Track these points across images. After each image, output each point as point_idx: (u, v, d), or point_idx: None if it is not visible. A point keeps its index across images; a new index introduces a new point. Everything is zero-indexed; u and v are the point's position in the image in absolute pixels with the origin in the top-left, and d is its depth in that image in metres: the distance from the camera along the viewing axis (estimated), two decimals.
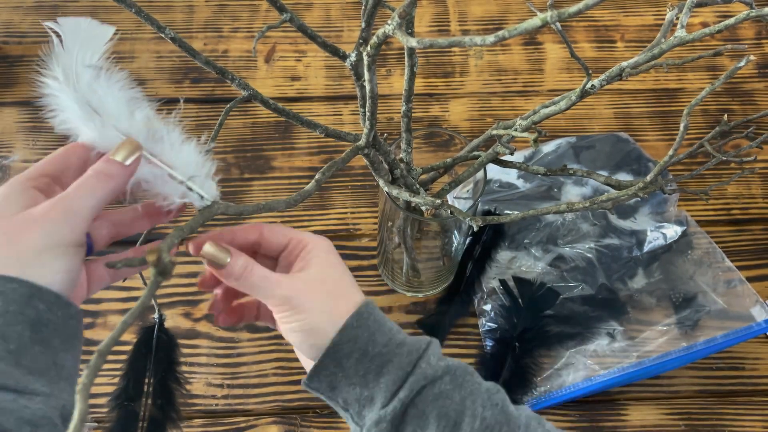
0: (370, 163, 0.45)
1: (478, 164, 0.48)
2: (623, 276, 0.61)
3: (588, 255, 0.61)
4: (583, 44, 0.79)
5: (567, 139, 0.68)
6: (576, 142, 0.68)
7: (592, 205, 0.45)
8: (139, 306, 0.25)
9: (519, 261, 0.61)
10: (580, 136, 0.69)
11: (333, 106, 0.74)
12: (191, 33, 0.79)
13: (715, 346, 0.57)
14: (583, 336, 0.58)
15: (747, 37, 0.80)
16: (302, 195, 0.38)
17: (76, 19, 0.35)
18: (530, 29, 0.24)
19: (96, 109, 0.34)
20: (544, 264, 0.61)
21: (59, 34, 0.34)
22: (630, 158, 0.66)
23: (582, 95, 0.42)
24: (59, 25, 0.35)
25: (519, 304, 0.58)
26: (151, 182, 0.34)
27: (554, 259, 0.61)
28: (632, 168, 0.65)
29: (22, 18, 0.79)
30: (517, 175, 0.66)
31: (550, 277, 0.60)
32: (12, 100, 0.74)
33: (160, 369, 0.48)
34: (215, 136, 0.40)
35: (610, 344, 0.58)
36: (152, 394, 0.48)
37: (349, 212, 0.68)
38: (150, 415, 0.47)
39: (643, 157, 0.66)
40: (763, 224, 0.67)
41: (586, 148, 0.67)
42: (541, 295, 0.58)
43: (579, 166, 0.66)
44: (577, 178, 0.64)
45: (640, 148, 0.67)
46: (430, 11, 0.81)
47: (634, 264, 0.61)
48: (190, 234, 0.33)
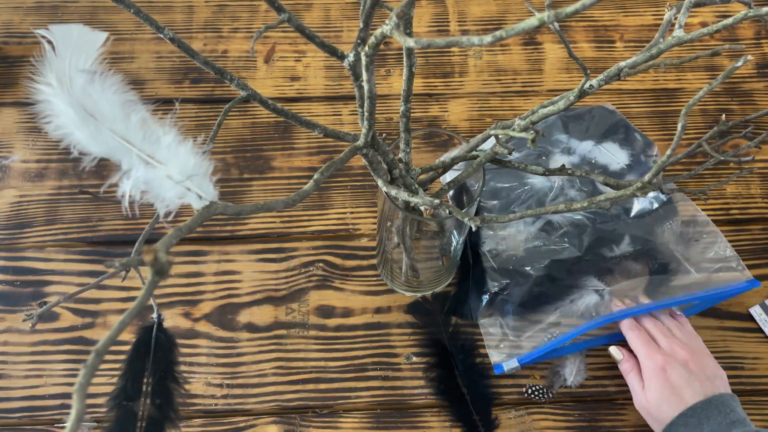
0: (368, 163, 0.45)
1: (477, 164, 0.48)
2: (610, 241, 0.62)
3: (576, 219, 0.62)
4: (582, 44, 0.79)
5: None
6: (564, 112, 0.68)
7: (590, 205, 0.45)
8: (136, 306, 0.25)
9: (509, 226, 0.62)
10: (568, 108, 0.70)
11: (332, 107, 0.74)
12: (191, 33, 0.79)
13: (673, 303, 0.58)
14: (570, 295, 0.60)
15: (745, 36, 0.80)
16: (301, 195, 0.38)
17: (67, 26, 0.36)
18: (527, 29, 0.24)
19: (91, 113, 0.34)
20: (534, 229, 0.62)
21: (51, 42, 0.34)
22: (617, 128, 0.67)
23: (580, 95, 0.42)
24: (51, 33, 0.35)
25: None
26: (149, 184, 0.34)
27: (544, 225, 0.62)
28: (619, 137, 0.67)
29: (22, 18, 0.79)
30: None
31: (539, 241, 0.61)
32: (12, 100, 0.74)
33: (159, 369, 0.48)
34: (214, 136, 0.40)
35: (597, 304, 0.59)
36: (151, 393, 0.48)
37: (348, 212, 0.68)
38: (149, 414, 0.47)
39: (630, 127, 0.68)
40: (762, 224, 0.67)
41: (574, 119, 0.68)
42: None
43: (567, 136, 0.67)
44: (565, 147, 0.66)
45: (626, 119, 0.69)
46: (430, 11, 0.81)
47: (620, 230, 0.62)
48: (188, 234, 0.33)
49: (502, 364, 0.58)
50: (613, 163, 0.65)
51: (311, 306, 0.63)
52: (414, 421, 0.58)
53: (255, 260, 0.65)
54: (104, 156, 0.34)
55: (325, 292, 0.63)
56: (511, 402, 0.59)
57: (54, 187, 0.68)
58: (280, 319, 0.62)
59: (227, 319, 0.62)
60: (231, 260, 0.65)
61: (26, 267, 0.64)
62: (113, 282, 0.62)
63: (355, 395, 0.59)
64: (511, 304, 0.60)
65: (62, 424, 0.57)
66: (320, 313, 0.62)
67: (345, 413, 0.58)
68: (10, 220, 0.66)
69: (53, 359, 0.60)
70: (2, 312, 0.62)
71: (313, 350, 0.61)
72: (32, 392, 0.58)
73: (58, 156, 0.70)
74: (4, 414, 0.57)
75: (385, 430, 0.57)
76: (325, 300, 0.63)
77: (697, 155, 0.70)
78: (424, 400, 0.59)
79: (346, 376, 0.60)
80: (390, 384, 0.59)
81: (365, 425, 0.58)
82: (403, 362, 0.60)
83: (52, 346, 0.60)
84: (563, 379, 0.59)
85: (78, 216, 0.67)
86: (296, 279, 0.64)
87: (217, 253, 0.65)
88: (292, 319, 0.62)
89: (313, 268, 0.65)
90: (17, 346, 0.60)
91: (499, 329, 0.60)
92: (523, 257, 0.61)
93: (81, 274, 0.63)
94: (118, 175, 0.34)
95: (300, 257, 0.65)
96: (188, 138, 0.35)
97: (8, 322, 0.61)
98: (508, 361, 0.58)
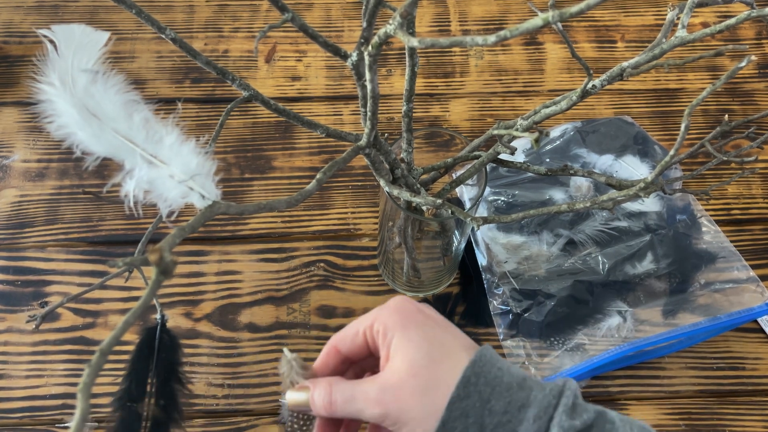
0: (371, 163, 0.45)
1: (478, 164, 0.48)
2: (632, 259, 0.61)
3: (597, 239, 0.61)
4: (583, 44, 0.79)
5: (573, 124, 0.69)
6: (582, 126, 0.68)
7: (594, 205, 0.45)
8: (140, 305, 0.25)
9: (530, 247, 0.62)
10: (585, 120, 0.69)
11: (333, 106, 0.74)
12: (192, 33, 0.79)
13: (701, 329, 0.57)
14: (594, 318, 0.59)
15: (747, 37, 0.80)
16: (303, 195, 0.38)
17: (69, 26, 0.36)
18: (532, 29, 0.24)
19: (94, 113, 0.34)
20: (556, 249, 0.61)
21: (53, 42, 0.34)
22: (636, 140, 0.67)
23: (583, 95, 0.42)
24: (53, 33, 0.35)
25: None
26: (152, 183, 0.34)
27: (566, 244, 0.61)
28: (638, 149, 0.66)
29: (22, 18, 0.79)
30: (524, 158, 0.66)
31: (561, 261, 0.61)
32: (12, 100, 0.74)
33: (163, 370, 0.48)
34: (216, 136, 0.40)
35: (619, 326, 0.58)
36: (155, 394, 0.48)
37: (350, 212, 0.68)
38: (153, 415, 0.47)
39: (648, 139, 0.67)
40: (763, 224, 0.67)
41: (591, 132, 0.68)
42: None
43: (586, 150, 0.66)
44: (585, 162, 0.65)
45: (644, 131, 0.68)
46: (431, 11, 0.81)
47: (644, 248, 0.61)
48: (191, 233, 0.33)
49: None
50: (635, 176, 0.64)
51: (312, 306, 0.63)
52: None
53: (256, 260, 0.65)
54: (107, 156, 0.34)
55: (327, 292, 0.63)
56: None
57: (55, 187, 0.68)
58: (282, 319, 0.62)
59: (228, 319, 0.62)
60: (232, 260, 0.64)
61: (27, 267, 0.64)
62: (114, 282, 0.62)
63: None
64: (534, 324, 0.59)
65: (63, 424, 0.57)
66: (321, 313, 0.62)
67: None
68: (10, 220, 0.66)
69: (54, 359, 0.60)
70: (3, 312, 0.62)
71: (314, 350, 0.61)
72: (33, 392, 0.58)
73: (58, 156, 0.70)
74: (4, 414, 0.57)
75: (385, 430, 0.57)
76: (326, 300, 0.63)
77: (698, 155, 0.70)
78: None
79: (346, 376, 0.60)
80: None
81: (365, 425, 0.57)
82: None
83: (53, 346, 0.60)
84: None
85: (79, 216, 0.67)
86: (297, 279, 0.64)
87: (218, 253, 0.65)
88: (293, 319, 0.62)
89: (315, 268, 0.64)
90: (18, 346, 0.60)
91: (522, 351, 0.59)
92: (545, 277, 0.60)
93: (82, 274, 0.63)
94: (121, 174, 0.34)
95: (301, 257, 0.65)
96: (190, 138, 0.35)
97: (9, 322, 0.61)
98: None
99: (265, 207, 0.37)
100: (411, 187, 0.48)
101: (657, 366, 0.60)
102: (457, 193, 0.65)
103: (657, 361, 0.60)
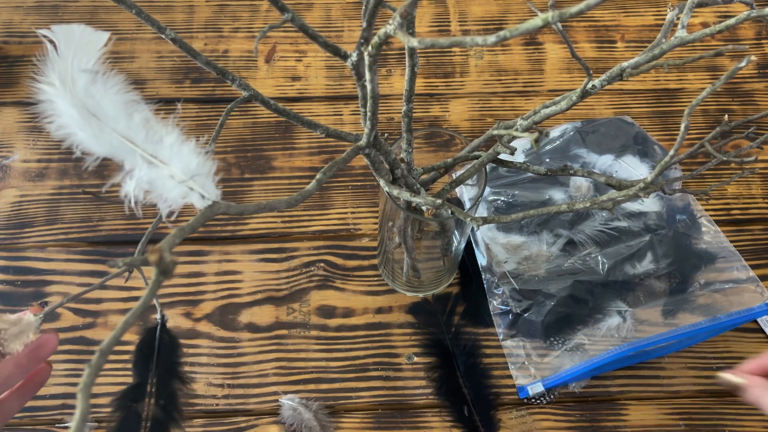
0: (370, 163, 0.45)
1: (478, 164, 0.48)
2: (632, 259, 0.61)
3: (597, 239, 0.61)
4: (583, 44, 0.79)
5: (573, 124, 0.69)
6: (581, 126, 0.68)
7: (593, 206, 0.45)
8: (140, 305, 0.25)
9: (530, 247, 0.62)
10: (585, 120, 0.69)
11: (333, 106, 0.74)
12: (192, 33, 0.79)
13: (701, 329, 0.57)
14: (594, 318, 0.59)
15: (747, 37, 0.80)
16: (303, 195, 0.38)
17: (69, 27, 0.35)
18: (532, 29, 0.24)
19: (94, 113, 0.34)
20: (556, 249, 0.61)
21: (53, 42, 0.34)
22: (635, 140, 0.67)
23: (583, 95, 0.42)
24: (53, 33, 0.35)
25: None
26: (152, 183, 0.34)
27: (566, 245, 0.61)
28: (638, 149, 0.66)
29: (22, 18, 0.79)
30: (524, 158, 0.66)
31: (561, 261, 0.61)
32: (12, 100, 0.74)
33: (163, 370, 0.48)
34: (216, 136, 0.40)
35: (619, 326, 0.58)
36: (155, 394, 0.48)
37: (350, 212, 0.68)
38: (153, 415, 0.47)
39: (648, 139, 0.67)
40: (763, 224, 0.67)
41: (591, 132, 0.68)
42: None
43: (586, 150, 0.66)
44: (585, 162, 0.65)
45: (644, 131, 0.68)
46: (430, 11, 0.81)
47: (643, 247, 0.61)
48: (191, 233, 0.33)
49: (527, 388, 0.58)
50: (634, 176, 0.64)
51: (312, 306, 0.63)
52: (415, 421, 0.58)
53: (256, 260, 0.65)
54: (107, 156, 0.34)
55: (326, 292, 0.63)
56: (513, 402, 0.59)
57: (55, 187, 0.68)
58: (281, 319, 0.62)
59: (228, 319, 0.62)
60: (232, 260, 0.65)
61: (27, 267, 0.64)
62: (114, 282, 0.62)
63: (356, 395, 0.59)
64: (534, 325, 0.59)
65: (63, 424, 0.57)
66: (321, 313, 0.62)
67: (346, 413, 0.58)
68: (10, 220, 0.66)
69: (54, 359, 0.60)
70: (3, 312, 0.62)
71: (314, 350, 0.61)
72: None
73: (58, 156, 0.70)
74: None
75: (386, 430, 0.57)
76: (326, 300, 0.63)
77: (698, 155, 0.70)
78: (425, 401, 0.59)
79: (347, 376, 0.60)
80: (391, 384, 0.59)
81: (366, 425, 0.57)
82: (405, 362, 0.60)
83: None
84: None
85: (78, 216, 0.67)
86: (297, 279, 0.64)
87: (218, 253, 0.65)
88: (293, 319, 0.62)
89: (314, 268, 0.64)
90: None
91: (522, 351, 0.59)
92: (545, 277, 0.60)
93: (82, 274, 0.63)
94: (121, 175, 0.34)
95: (301, 257, 0.65)
96: (191, 138, 0.35)
97: None
98: (533, 384, 0.58)
99: (266, 207, 0.37)
100: (411, 187, 0.48)
101: (657, 366, 0.60)
102: (456, 193, 0.65)
103: (657, 361, 0.60)
